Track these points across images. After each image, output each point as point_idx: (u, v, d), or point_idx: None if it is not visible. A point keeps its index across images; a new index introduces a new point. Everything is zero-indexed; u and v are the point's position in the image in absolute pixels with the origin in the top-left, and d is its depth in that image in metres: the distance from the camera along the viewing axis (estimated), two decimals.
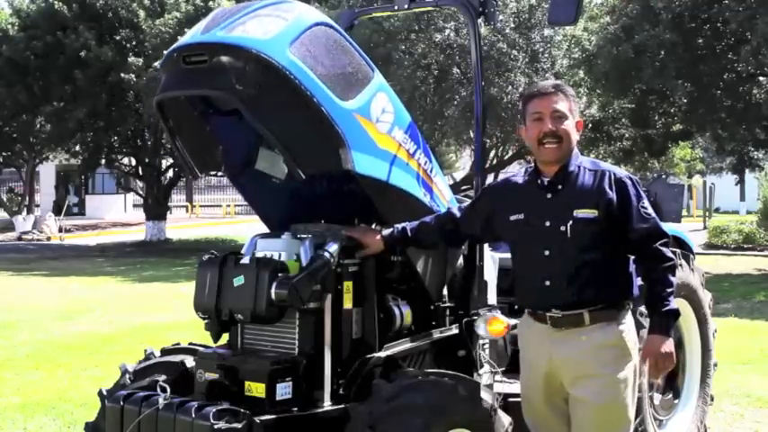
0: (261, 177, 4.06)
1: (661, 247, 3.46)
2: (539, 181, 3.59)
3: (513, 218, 3.60)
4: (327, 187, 4.21)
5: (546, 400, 3.62)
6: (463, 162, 37.78)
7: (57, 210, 33.03)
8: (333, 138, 3.43)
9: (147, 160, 25.70)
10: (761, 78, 16.94)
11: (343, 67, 3.54)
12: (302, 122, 3.41)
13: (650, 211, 3.49)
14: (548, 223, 3.49)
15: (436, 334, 4.15)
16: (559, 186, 3.53)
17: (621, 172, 3.58)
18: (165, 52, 3.67)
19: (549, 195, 3.55)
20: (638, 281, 3.61)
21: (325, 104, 3.39)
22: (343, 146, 3.45)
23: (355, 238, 3.77)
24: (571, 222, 3.45)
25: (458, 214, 3.85)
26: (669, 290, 3.45)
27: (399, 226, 3.82)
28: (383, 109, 3.69)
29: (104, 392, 3.79)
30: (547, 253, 3.49)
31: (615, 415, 3.50)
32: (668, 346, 3.44)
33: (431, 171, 3.99)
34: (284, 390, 3.54)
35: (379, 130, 3.66)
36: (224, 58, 3.30)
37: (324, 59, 3.46)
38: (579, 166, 3.55)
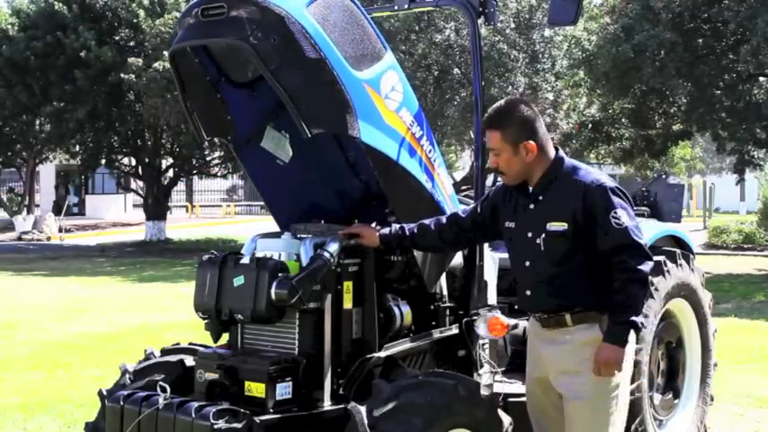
0: (264, 155, 4.09)
1: (628, 259, 3.35)
2: (526, 189, 3.60)
3: (506, 225, 3.66)
4: (328, 179, 4.26)
5: (544, 396, 3.66)
6: (463, 162, 37.74)
7: (57, 210, 33.00)
8: (341, 102, 3.47)
9: (147, 160, 25.66)
10: (761, 78, 16.93)
11: (358, 38, 3.60)
12: (312, 82, 3.44)
13: (622, 220, 3.37)
14: (529, 234, 3.53)
15: (436, 334, 4.15)
16: (540, 197, 3.54)
17: (598, 180, 3.46)
18: (182, 11, 3.72)
19: (531, 206, 3.57)
20: None
21: (337, 68, 3.44)
22: (351, 112, 3.48)
23: (352, 231, 3.80)
24: (544, 235, 3.47)
25: (463, 216, 3.84)
26: (629, 300, 3.35)
27: (397, 225, 3.83)
28: (393, 87, 3.73)
29: (104, 392, 3.79)
30: (527, 264, 3.55)
31: (596, 412, 3.50)
32: (614, 354, 3.36)
33: (434, 161, 4.00)
34: (284, 390, 3.55)
35: (387, 106, 3.69)
36: (242, 11, 3.37)
37: (339, 25, 3.51)
38: (562, 176, 3.51)
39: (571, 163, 3.58)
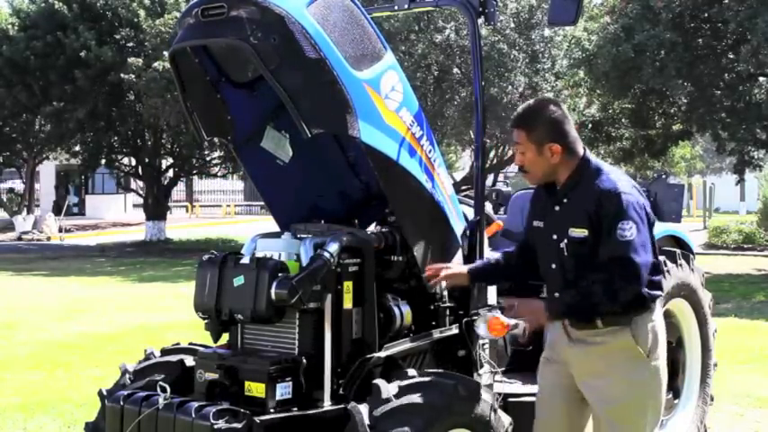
0: (264, 155, 4.09)
1: (616, 274, 3.25)
2: (554, 189, 3.54)
3: (535, 224, 3.61)
4: (328, 179, 4.27)
5: (561, 396, 3.58)
6: (463, 162, 37.76)
7: (57, 210, 33.00)
8: (341, 102, 3.47)
9: (147, 160, 25.66)
10: (761, 78, 16.92)
11: (358, 38, 3.60)
12: (312, 82, 3.45)
13: (628, 234, 3.26)
14: (554, 236, 3.48)
15: (436, 334, 4.14)
16: (565, 200, 3.48)
17: (616, 188, 3.34)
18: (182, 11, 3.73)
19: (557, 207, 3.51)
20: (658, 277, 3.46)
21: (337, 68, 3.44)
22: (351, 112, 3.49)
23: (445, 276, 3.80)
24: (566, 241, 3.42)
25: (524, 237, 3.81)
26: (583, 291, 3.33)
27: (481, 260, 3.92)
28: (393, 87, 3.73)
29: (104, 392, 3.80)
30: (553, 266, 3.50)
31: (626, 418, 3.44)
32: (537, 307, 3.48)
33: (434, 161, 3.99)
34: (284, 390, 3.55)
35: (387, 106, 3.70)
36: (242, 11, 3.38)
37: (339, 25, 3.52)
38: (586, 179, 3.43)
39: (596, 165, 3.47)
